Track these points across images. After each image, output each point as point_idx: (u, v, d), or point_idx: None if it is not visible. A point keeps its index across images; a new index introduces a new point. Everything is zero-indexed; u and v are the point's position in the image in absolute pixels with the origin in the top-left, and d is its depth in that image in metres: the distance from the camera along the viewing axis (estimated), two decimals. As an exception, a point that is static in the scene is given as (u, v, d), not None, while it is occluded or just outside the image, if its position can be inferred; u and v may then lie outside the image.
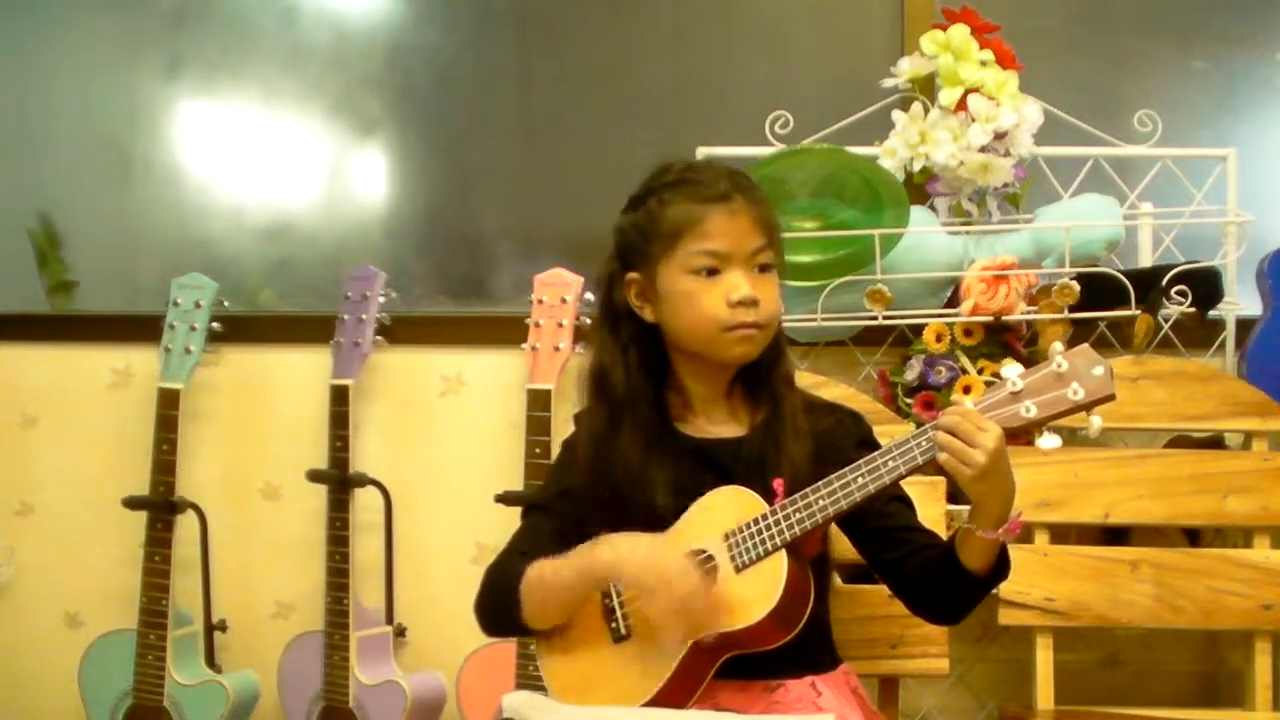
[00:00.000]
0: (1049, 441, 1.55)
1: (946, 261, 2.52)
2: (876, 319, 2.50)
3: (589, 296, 2.65)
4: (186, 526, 2.77)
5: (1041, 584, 2.28)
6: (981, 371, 2.45)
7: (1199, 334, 2.56)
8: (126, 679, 2.71)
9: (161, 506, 2.72)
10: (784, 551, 1.64)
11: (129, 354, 2.92)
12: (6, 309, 3.05)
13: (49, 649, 2.92)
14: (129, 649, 2.71)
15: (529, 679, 2.49)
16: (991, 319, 2.45)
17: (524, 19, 3.06)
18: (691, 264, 1.73)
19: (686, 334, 1.76)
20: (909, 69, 2.57)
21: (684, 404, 1.81)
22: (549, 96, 3.05)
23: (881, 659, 1.97)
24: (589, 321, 2.63)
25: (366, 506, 2.77)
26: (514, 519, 1.88)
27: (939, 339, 2.49)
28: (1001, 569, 1.67)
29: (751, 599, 1.63)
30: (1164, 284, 2.44)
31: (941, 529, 1.92)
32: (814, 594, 1.67)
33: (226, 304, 2.81)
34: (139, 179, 3.14)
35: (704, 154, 2.51)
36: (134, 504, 2.74)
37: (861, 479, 1.62)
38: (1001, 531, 1.61)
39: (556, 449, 1.93)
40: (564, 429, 2.12)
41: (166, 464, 2.73)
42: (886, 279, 2.46)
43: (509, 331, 2.72)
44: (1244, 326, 2.55)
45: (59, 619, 2.95)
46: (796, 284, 2.41)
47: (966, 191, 2.55)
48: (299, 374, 2.85)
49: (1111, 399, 1.53)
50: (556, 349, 2.63)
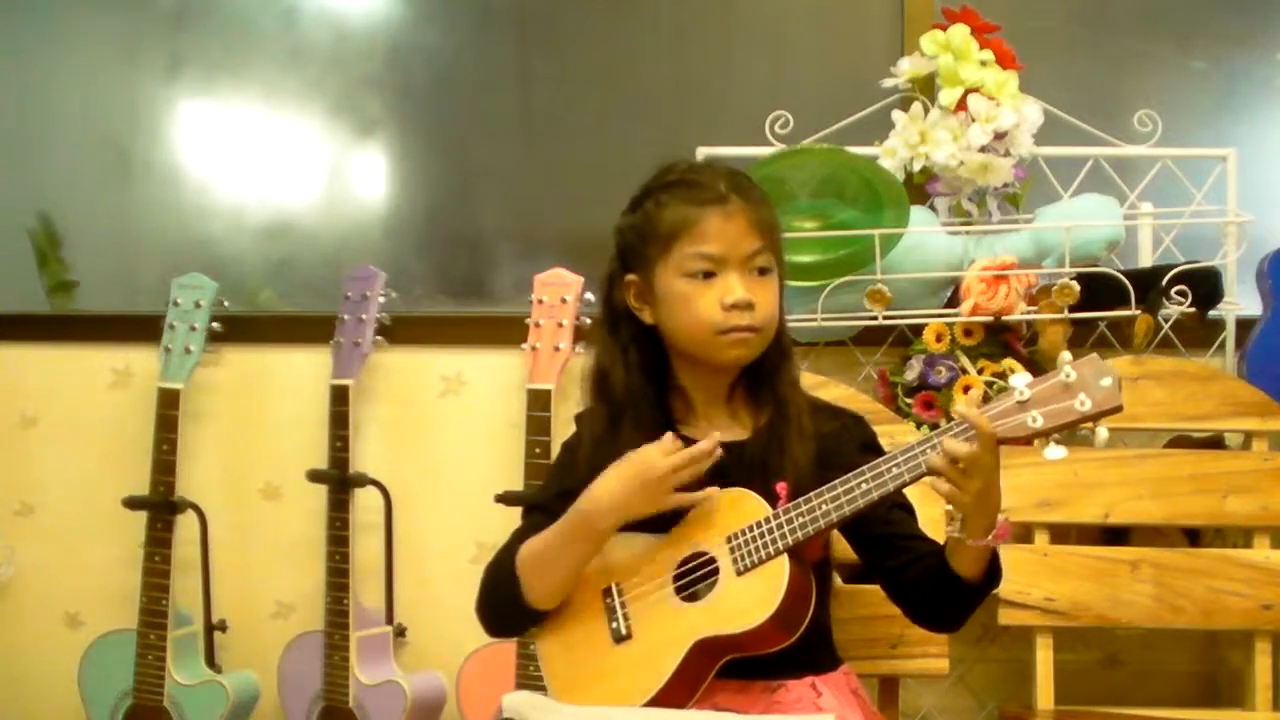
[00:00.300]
0: (1055, 452, 1.54)
1: (946, 261, 2.52)
2: (876, 319, 2.50)
3: (589, 296, 2.65)
4: (186, 526, 2.77)
5: (1041, 584, 2.28)
6: (981, 371, 2.45)
7: (1199, 334, 2.56)
8: (126, 679, 2.71)
9: (161, 506, 2.73)
10: (786, 555, 1.64)
11: (129, 354, 2.92)
12: (6, 309, 3.05)
13: (49, 649, 2.92)
14: (129, 649, 2.71)
15: (529, 679, 2.49)
16: (991, 319, 2.45)
17: (524, 19, 3.06)
18: (687, 267, 1.73)
19: (683, 337, 1.76)
20: (909, 69, 2.57)
21: (685, 406, 1.81)
22: (549, 96, 3.05)
23: (881, 659, 1.97)
24: (589, 321, 2.63)
25: (366, 506, 2.77)
26: (514, 519, 1.88)
27: (939, 339, 2.49)
28: (994, 575, 1.67)
29: (753, 602, 1.63)
30: (1164, 284, 2.44)
31: (941, 529, 1.92)
32: (815, 598, 1.67)
33: (226, 304, 2.81)
34: (139, 179, 3.14)
35: (704, 154, 2.51)
36: (134, 504, 2.74)
37: (865, 485, 1.62)
38: (991, 538, 1.61)
39: (556, 449, 1.93)
40: (564, 429, 2.12)
41: (166, 464, 2.73)
42: (886, 279, 2.46)
43: (509, 331, 2.72)
44: (1244, 326, 2.55)
45: (59, 619, 2.95)
46: (796, 284, 2.41)
47: (966, 191, 2.55)
48: (299, 374, 2.85)
49: (1119, 411, 1.52)
50: (556, 349, 2.63)
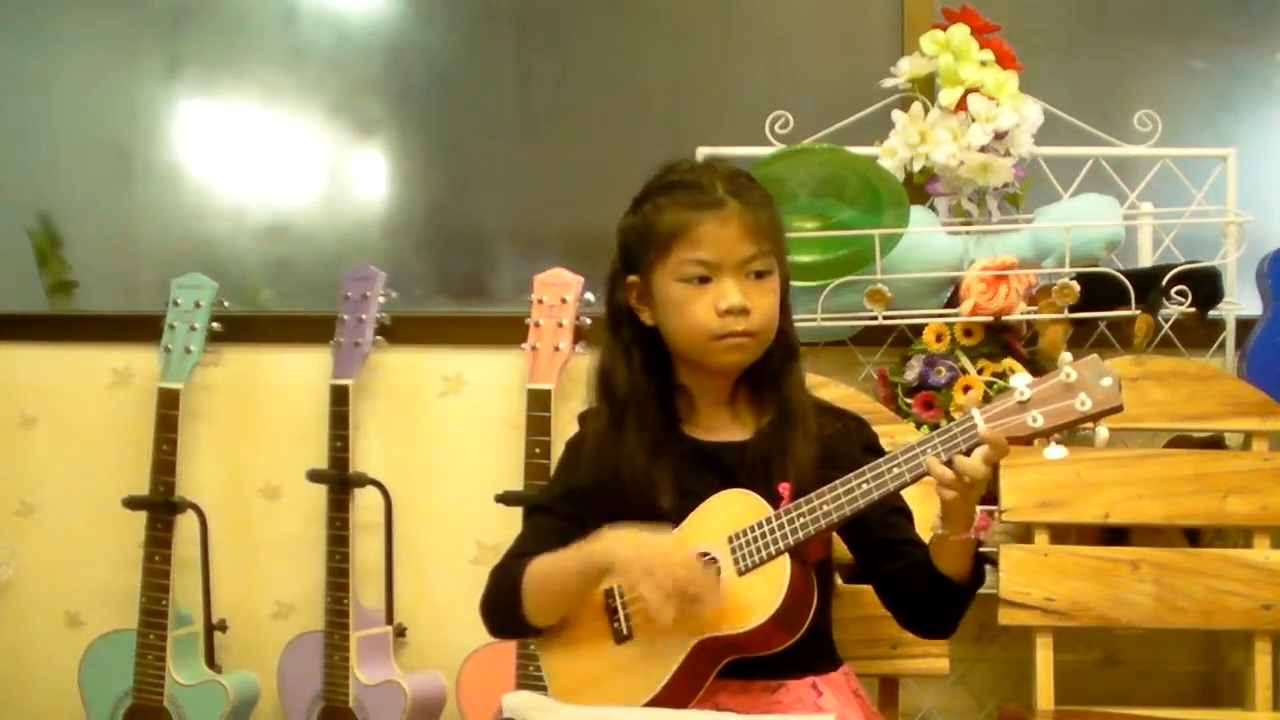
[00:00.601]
0: (1055, 452, 1.55)
1: (946, 261, 2.52)
2: (876, 319, 2.50)
3: (589, 296, 2.65)
4: (186, 526, 2.77)
5: (1041, 584, 2.28)
6: (981, 371, 2.45)
7: (1199, 334, 2.56)
8: (126, 679, 2.71)
9: (161, 506, 2.72)
10: (787, 556, 1.64)
11: (129, 354, 2.92)
12: (6, 309, 3.05)
13: (49, 649, 2.92)
14: (129, 649, 2.71)
15: (529, 679, 2.49)
16: (991, 319, 2.45)
17: (524, 19, 3.06)
18: (682, 272, 1.72)
19: (680, 341, 1.76)
20: (909, 69, 2.57)
21: (689, 405, 1.81)
22: (549, 96, 3.05)
23: (881, 659, 1.97)
24: (589, 321, 2.63)
25: (366, 506, 2.77)
26: (514, 519, 1.88)
27: (939, 339, 2.49)
28: (979, 574, 1.68)
29: (754, 602, 1.63)
30: (1164, 284, 2.44)
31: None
32: (816, 598, 1.67)
33: (226, 304, 2.81)
34: (139, 179, 3.14)
35: (704, 154, 2.51)
36: (134, 504, 2.74)
37: (867, 485, 1.62)
38: (973, 530, 1.62)
39: (557, 449, 1.93)
40: (564, 429, 2.13)
41: (166, 464, 2.73)
42: (886, 279, 2.46)
43: (509, 331, 2.72)
44: (1244, 326, 2.55)
45: (59, 619, 2.95)
46: (796, 284, 2.40)
47: (966, 191, 2.55)
48: (299, 374, 2.85)
49: (1119, 410, 1.53)
50: (556, 349, 2.63)
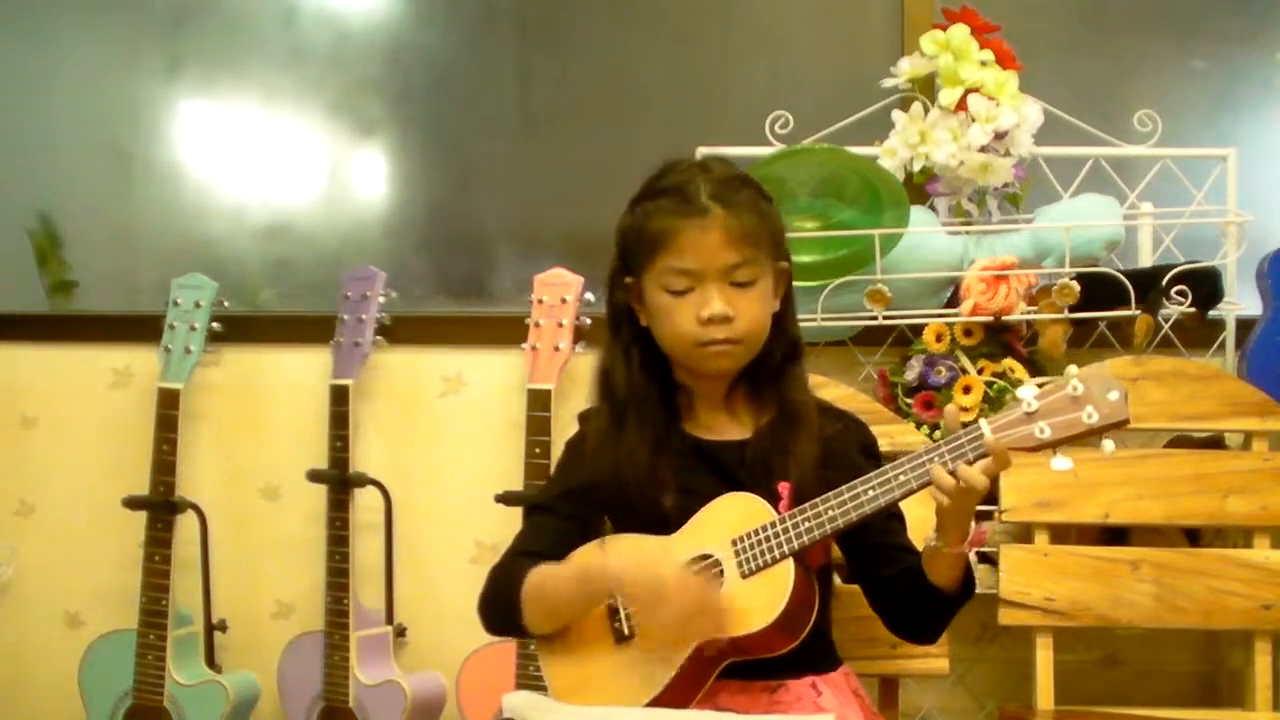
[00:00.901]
0: (1061, 464, 1.55)
1: (946, 261, 2.52)
2: (876, 319, 2.50)
3: (589, 296, 2.65)
4: (186, 526, 2.77)
5: (1041, 584, 2.28)
6: (981, 371, 2.45)
7: (1199, 334, 2.56)
8: (126, 679, 2.71)
9: (161, 506, 2.72)
10: (791, 560, 1.64)
11: (129, 354, 2.92)
12: (6, 309, 3.05)
13: (49, 649, 2.92)
14: (129, 649, 2.71)
15: (529, 679, 2.49)
16: (991, 319, 2.45)
17: (524, 19, 3.06)
18: (665, 281, 1.73)
19: (667, 346, 1.77)
20: (909, 69, 2.57)
21: (688, 404, 1.81)
22: (549, 96, 3.05)
23: (881, 659, 1.97)
24: (589, 321, 2.63)
25: (366, 506, 2.77)
26: (514, 519, 1.88)
27: (939, 339, 2.49)
28: (969, 585, 1.68)
29: (757, 606, 1.63)
30: (1164, 284, 2.44)
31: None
32: (818, 603, 1.67)
33: (226, 304, 2.81)
34: (139, 179, 3.14)
35: (704, 154, 2.50)
36: (134, 504, 2.74)
37: (873, 491, 1.62)
38: (967, 544, 1.62)
39: (557, 449, 1.93)
40: (564, 429, 2.13)
41: (166, 464, 2.73)
42: (886, 279, 2.46)
43: (509, 331, 2.72)
44: (1244, 326, 2.55)
45: (59, 619, 2.95)
46: (796, 284, 2.40)
47: (966, 191, 2.55)
48: (299, 374, 2.85)
49: (1126, 424, 1.53)
50: (556, 349, 2.63)
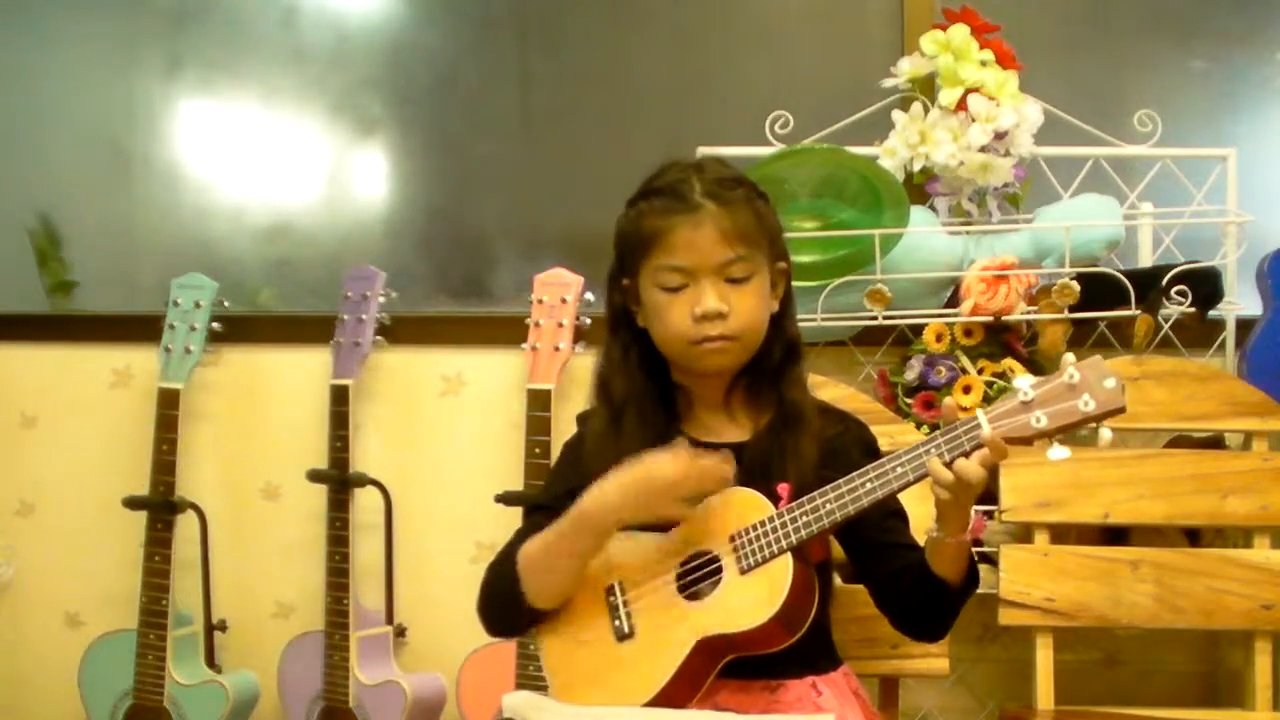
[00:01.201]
0: (1058, 453, 1.55)
1: (946, 261, 2.52)
2: (876, 319, 2.50)
3: (589, 296, 2.65)
4: (186, 526, 2.77)
5: (1042, 584, 2.28)
6: (981, 371, 2.45)
7: (1199, 334, 2.56)
8: (126, 679, 2.71)
9: (161, 506, 2.73)
10: (790, 555, 1.64)
11: (129, 354, 2.92)
12: (6, 309, 3.05)
13: (49, 649, 2.92)
14: (129, 649, 2.71)
15: (529, 679, 2.49)
16: (991, 319, 2.45)
17: (524, 19, 3.06)
18: (660, 279, 1.73)
19: (663, 345, 1.77)
20: (909, 69, 2.57)
21: (686, 405, 1.81)
22: (549, 96, 3.05)
23: (881, 659, 1.97)
24: (589, 321, 2.64)
25: (366, 506, 2.77)
26: (514, 519, 1.88)
27: (939, 339, 2.49)
28: (973, 577, 1.68)
29: (756, 601, 1.63)
30: (1164, 284, 2.44)
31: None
32: (818, 598, 1.67)
33: (226, 304, 2.81)
34: (139, 179, 3.14)
35: (704, 154, 2.50)
36: (134, 504, 2.74)
37: (870, 484, 1.62)
38: (967, 533, 1.62)
39: (557, 449, 1.93)
40: (564, 429, 2.12)
41: (166, 464, 2.73)
42: (886, 279, 2.46)
43: (509, 331, 2.72)
44: (1244, 326, 2.55)
45: (59, 619, 2.95)
46: (796, 284, 2.40)
47: (966, 191, 2.55)
48: (299, 374, 2.85)
49: (1122, 412, 1.53)
50: (556, 349, 2.63)
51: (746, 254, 1.72)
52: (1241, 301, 2.56)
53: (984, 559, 2.36)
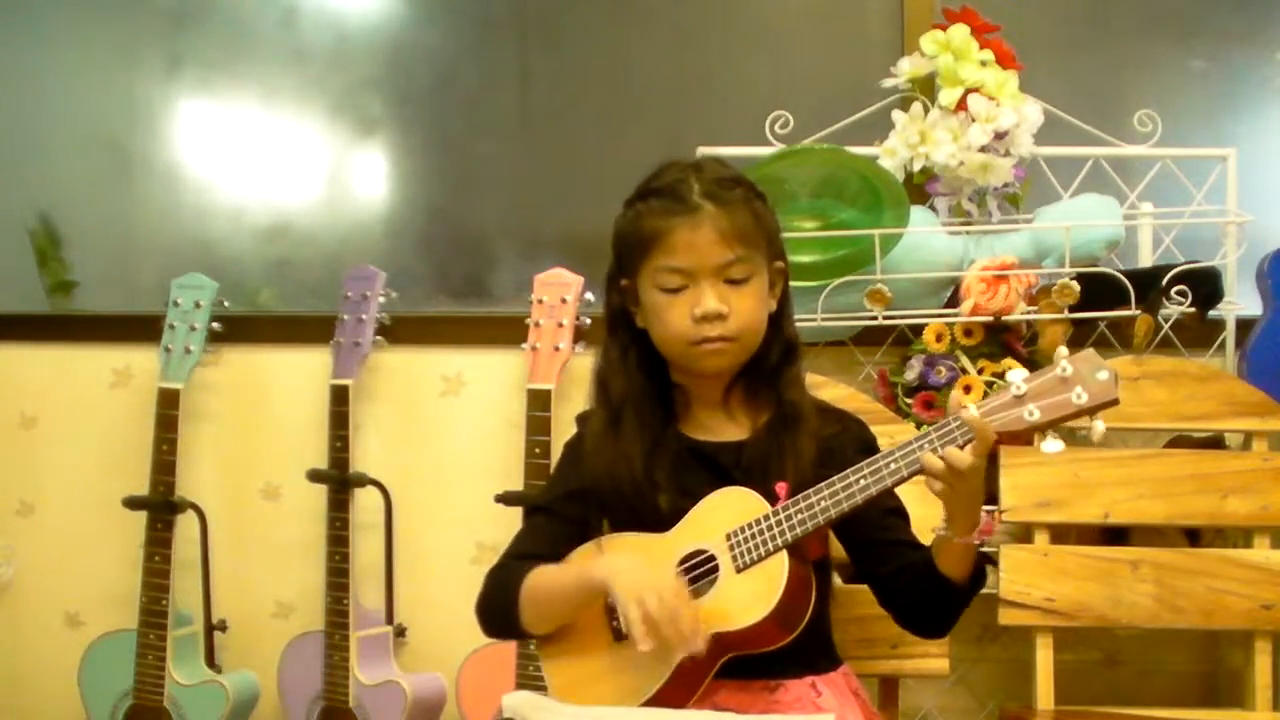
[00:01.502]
0: (1052, 445, 1.55)
1: (946, 261, 2.52)
2: (876, 319, 2.50)
3: (589, 296, 2.65)
4: (186, 526, 2.77)
5: (1042, 584, 2.28)
6: (981, 371, 2.45)
7: (1199, 334, 2.56)
8: (126, 679, 2.71)
9: (161, 506, 2.73)
10: (785, 552, 1.64)
11: (129, 354, 2.92)
12: (6, 309, 3.05)
13: (49, 649, 2.92)
14: (129, 649, 2.71)
15: (529, 679, 2.49)
16: (991, 319, 2.45)
17: (524, 19, 3.06)
18: (659, 280, 1.73)
19: (662, 346, 1.77)
20: (909, 69, 2.57)
21: (685, 405, 1.81)
22: (549, 96, 3.05)
23: (881, 659, 1.97)
24: (589, 321, 2.63)
25: (366, 506, 2.77)
26: (514, 519, 1.88)
27: (939, 339, 2.49)
28: (979, 576, 1.68)
29: (752, 599, 1.63)
30: (1164, 284, 2.44)
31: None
32: (815, 596, 1.67)
33: (226, 304, 2.81)
34: (139, 179, 3.14)
35: (704, 154, 2.50)
36: (134, 504, 2.74)
37: (864, 480, 1.62)
38: (975, 534, 1.62)
39: (557, 449, 1.93)
40: (564, 429, 2.12)
41: (166, 464, 2.73)
42: (886, 279, 2.46)
43: (509, 331, 2.72)
44: (1244, 326, 2.55)
45: (59, 619, 2.95)
46: (796, 284, 2.40)
47: (966, 191, 2.55)
48: (299, 374, 2.85)
49: (1115, 404, 1.53)
50: (556, 349, 2.63)
51: (745, 255, 1.72)
52: (1241, 301, 2.56)
53: (984, 559, 2.35)
